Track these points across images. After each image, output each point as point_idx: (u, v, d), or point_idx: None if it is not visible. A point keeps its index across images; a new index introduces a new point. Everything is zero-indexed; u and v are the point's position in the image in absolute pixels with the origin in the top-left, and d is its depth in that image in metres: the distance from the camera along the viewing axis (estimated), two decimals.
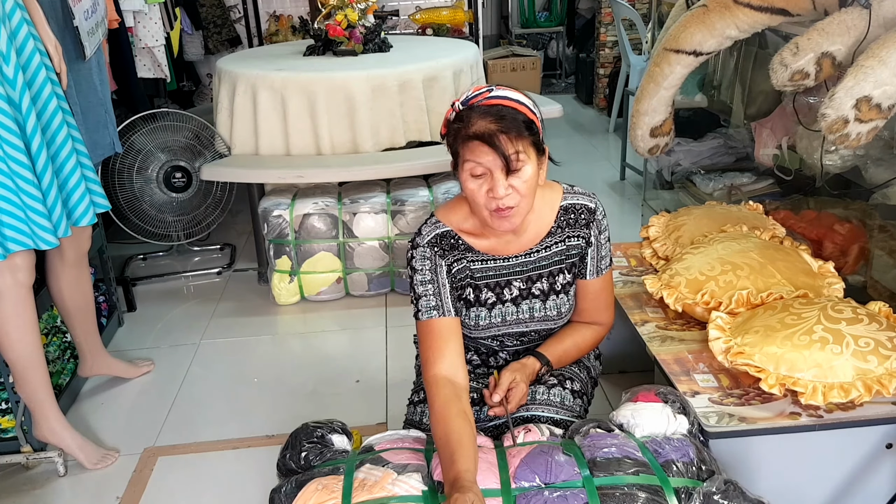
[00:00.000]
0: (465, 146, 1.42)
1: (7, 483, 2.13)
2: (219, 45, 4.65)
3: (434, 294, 1.54)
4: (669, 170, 3.47)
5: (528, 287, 1.61)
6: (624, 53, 4.81)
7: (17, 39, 1.92)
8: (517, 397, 1.56)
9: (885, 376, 1.52)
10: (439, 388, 1.44)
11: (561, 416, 1.60)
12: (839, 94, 1.78)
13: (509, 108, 1.42)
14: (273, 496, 1.43)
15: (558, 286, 1.63)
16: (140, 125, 3.14)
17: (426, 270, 1.55)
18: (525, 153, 1.42)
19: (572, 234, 1.60)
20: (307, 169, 2.96)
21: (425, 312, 1.53)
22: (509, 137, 1.39)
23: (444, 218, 1.59)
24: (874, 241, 2.30)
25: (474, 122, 1.40)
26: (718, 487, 1.30)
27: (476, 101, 1.43)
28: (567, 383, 1.66)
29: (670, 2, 3.07)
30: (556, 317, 1.65)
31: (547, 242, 1.60)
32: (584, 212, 1.60)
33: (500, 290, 1.60)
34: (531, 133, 1.43)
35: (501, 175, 1.41)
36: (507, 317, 1.63)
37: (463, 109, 1.44)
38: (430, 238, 1.57)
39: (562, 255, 1.61)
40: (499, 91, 1.45)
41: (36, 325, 2.04)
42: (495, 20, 7.13)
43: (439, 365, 1.48)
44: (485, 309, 1.61)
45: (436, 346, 1.50)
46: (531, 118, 1.44)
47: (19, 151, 1.87)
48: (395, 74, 3.08)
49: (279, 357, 2.76)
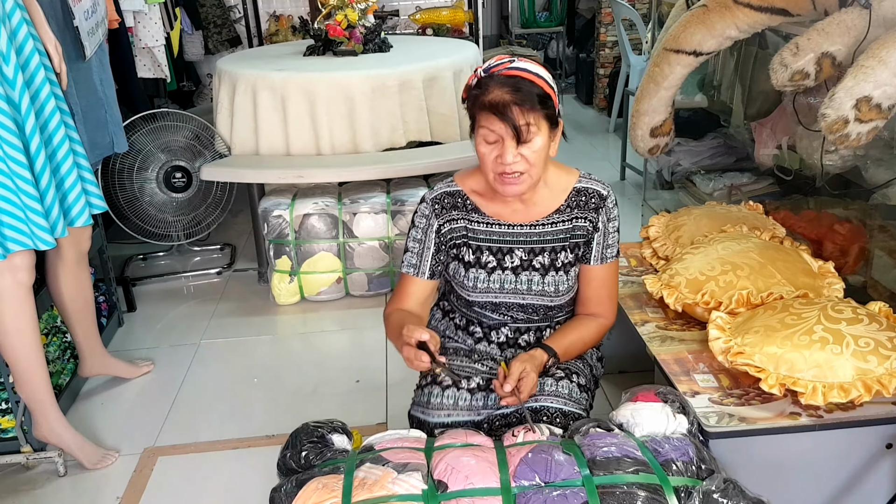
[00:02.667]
0: (481, 113, 1.50)
1: (7, 483, 2.13)
2: (219, 45, 4.64)
3: (417, 253, 1.68)
4: (669, 170, 3.47)
5: (529, 259, 1.66)
6: (624, 53, 4.81)
7: (17, 39, 1.92)
8: (528, 387, 1.56)
9: (885, 376, 1.52)
10: (394, 312, 1.66)
11: (570, 409, 1.60)
12: (839, 94, 1.78)
13: (527, 80, 1.49)
14: (273, 495, 1.43)
15: (559, 263, 1.66)
16: (140, 125, 3.14)
17: (420, 229, 1.68)
18: (536, 125, 1.49)
19: (580, 216, 1.65)
20: (307, 169, 2.96)
21: (405, 266, 1.70)
22: (522, 109, 1.46)
23: (459, 179, 1.69)
24: (874, 241, 2.30)
25: (492, 90, 1.48)
26: (718, 486, 1.30)
27: (496, 71, 1.50)
28: (574, 377, 1.67)
29: (670, 2, 3.07)
30: (553, 293, 1.67)
31: (554, 218, 1.65)
32: (596, 196, 1.66)
33: (502, 256, 1.66)
34: (545, 107, 1.50)
35: (512, 143, 1.48)
36: (506, 285, 1.67)
37: (483, 77, 1.51)
38: (436, 195, 1.67)
39: (567, 234, 1.66)
40: (519, 63, 1.51)
41: (36, 325, 2.04)
42: (495, 20, 7.13)
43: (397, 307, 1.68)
44: (484, 272, 1.67)
45: (402, 295, 1.70)
46: (547, 92, 1.51)
47: (18, 151, 1.87)
48: (395, 74, 3.08)
49: (279, 357, 2.76)
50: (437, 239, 1.67)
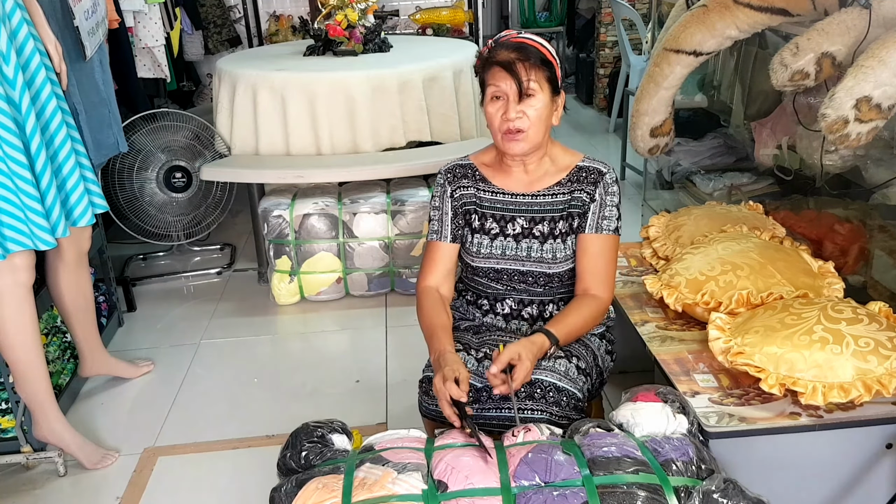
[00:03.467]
0: (489, 73, 1.66)
1: (7, 483, 2.13)
2: (219, 45, 4.65)
3: (438, 220, 1.82)
4: (669, 170, 3.47)
5: (530, 227, 1.77)
6: (624, 53, 4.81)
7: (18, 39, 1.92)
8: (521, 375, 1.54)
9: (885, 376, 1.52)
10: (428, 295, 1.77)
11: (564, 385, 1.61)
12: (839, 94, 1.78)
13: (531, 45, 1.65)
14: (273, 495, 1.43)
15: (557, 231, 1.76)
16: (140, 125, 3.14)
17: (437, 197, 1.82)
18: (538, 84, 1.63)
19: (579, 189, 1.75)
20: (307, 169, 2.96)
21: (430, 235, 1.83)
22: (525, 66, 1.62)
23: (472, 156, 1.85)
24: (874, 241, 2.30)
25: (499, 52, 1.65)
26: (718, 486, 1.30)
27: (505, 39, 1.67)
28: (573, 360, 1.69)
29: (670, 2, 3.07)
30: (550, 260, 1.75)
31: (554, 190, 1.76)
32: (595, 173, 1.76)
33: (505, 223, 1.78)
34: (546, 68, 1.64)
35: (515, 100, 1.63)
36: (507, 251, 1.77)
37: (494, 46, 1.68)
38: (449, 167, 1.83)
39: (565, 205, 1.75)
40: (526, 34, 1.69)
41: (36, 325, 2.04)
42: (495, 20, 7.13)
43: (429, 278, 1.80)
44: (487, 238, 1.78)
45: (430, 263, 1.81)
46: (549, 58, 1.66)
47: (19, 151, 1.87)
48: (395, 74, 3.08)
49: (279, 357, 2.76)
50: (452, 203, 1.81)
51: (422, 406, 1.72)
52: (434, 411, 1.66)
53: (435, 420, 1.69)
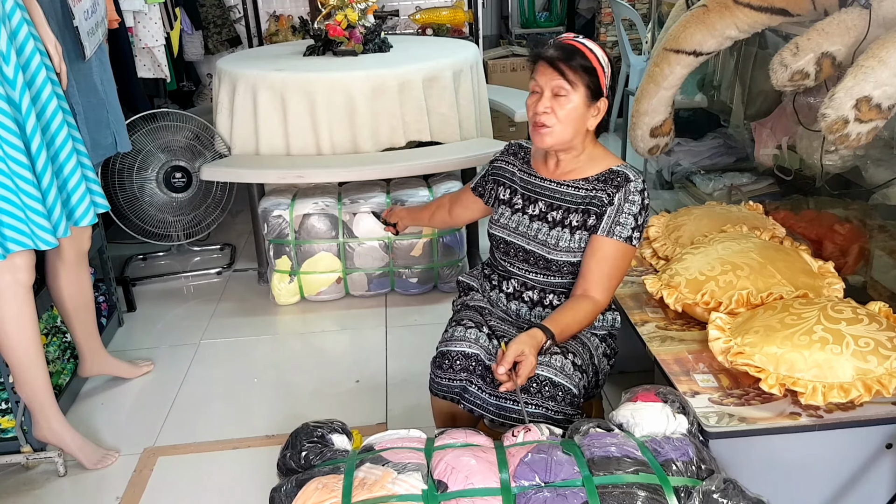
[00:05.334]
0: (535, 67, 1.74)
1: (7, 483, 2.13)
2: (219, 45, 4.64)
3: (480, 177, 2.04)
4: (669, 170, 3.47)
5: (546, 211, 1.84)
6: (624, 53, 4.81)
7: (17, 39, 1.92)
8: (525, 371, 1.59)
9: (885, 376, 1.52)
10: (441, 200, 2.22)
11: (560, 380, 1.64)
12: (839, 95, 1.78)
13: (580, 50, 1.70)
14: (273, 495, 1.43)
15: (567, 222, 1.80)
16: (140, 125, 3.14)
17: (488, 166, 2.01)
18: (573, 86, 1.68)
19: (602, 189, 1.78)
20: (307, 169, 2.95)
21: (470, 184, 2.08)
22: (565, 66, 1.68)
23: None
24: (874, 241, 2.30)
25: (547, 50, 1.72)
26: (718, 486, 1.30)
27: (559, 40, 1.75)
28: (570, 356, 1.71)
29: (670, 2, 3.08)
30: (552, 246, 1.80)
31: (580, 184, 1.80)
32: (622, 178, 1.77)
33: (528, 202, 1.87)
34: (588, 75, 1.69)
35: (549, 95, 1.70)
36: (520, 227, 1.86)
37: (550, 43, 1.75)
38: (512, 143, 1.98)
39: (584, 201, 1.79)
40: (582, 40, 1.75)
41: (36, 325, 2.04)
42: (495, 20, 7.12)
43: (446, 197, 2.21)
44: (509, 210, 1.90)
45: (455, 197, 2.17)
46: (595, 66, 1.70)
47: (19, 151, 1.87)
48: (394, 74, 3.07)
49: (279, 357, 2.76)
50: (492, 168, 1.97)
51: (433, 384, 1.77)
52: (444, 388, 1.74)
53: (445, 398, 1.75)
